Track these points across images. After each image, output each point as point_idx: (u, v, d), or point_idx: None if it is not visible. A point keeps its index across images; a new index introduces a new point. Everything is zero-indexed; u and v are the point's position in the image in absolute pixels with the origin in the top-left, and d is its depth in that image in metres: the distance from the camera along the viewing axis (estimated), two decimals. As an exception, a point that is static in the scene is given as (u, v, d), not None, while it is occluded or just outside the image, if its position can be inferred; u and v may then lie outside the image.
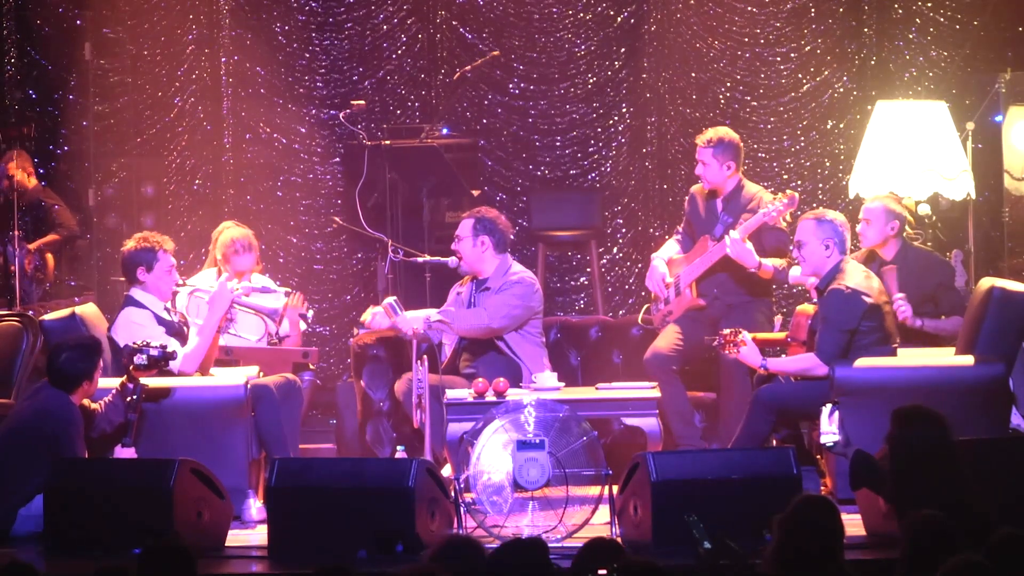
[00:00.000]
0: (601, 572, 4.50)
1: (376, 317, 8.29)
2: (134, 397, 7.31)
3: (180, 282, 8.07)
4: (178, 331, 7.94)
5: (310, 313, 8.72)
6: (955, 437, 6.04)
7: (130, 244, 8.01)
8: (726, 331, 7.88)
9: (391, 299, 8.25)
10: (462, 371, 8.39)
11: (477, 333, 8.33)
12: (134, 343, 7.46)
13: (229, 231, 8.82)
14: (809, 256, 7.82)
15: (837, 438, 7.54)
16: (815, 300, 8.01)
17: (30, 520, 7.09)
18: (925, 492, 5.67)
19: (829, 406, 7.59)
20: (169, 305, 8.01)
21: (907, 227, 8.46)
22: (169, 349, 7.47)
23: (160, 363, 7.42)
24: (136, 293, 7.94)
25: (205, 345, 7.86)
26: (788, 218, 8.41)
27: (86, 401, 7.33)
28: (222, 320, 7.92)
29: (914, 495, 5.67)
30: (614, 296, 11.13)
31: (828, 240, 7.78)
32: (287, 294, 8.50)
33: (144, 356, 7.38)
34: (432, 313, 8.28)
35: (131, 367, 7.35)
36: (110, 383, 7.60)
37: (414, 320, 8.14)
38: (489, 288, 8.39)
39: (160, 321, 7.89)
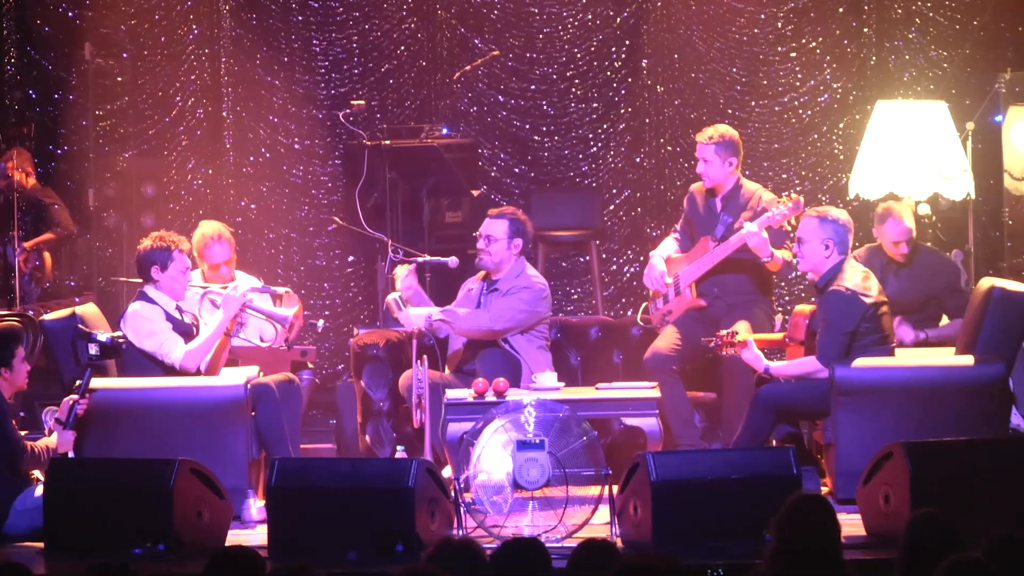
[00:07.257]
0: None
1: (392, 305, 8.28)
2: (79, 382, 7.34)
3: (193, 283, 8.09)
4: (187, 331, 7.94)
5: (320, 322, 8.73)
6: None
7: (146, 243, 7.99)
8: (723, 332, 7.89)
9: (395, 294, 8.27)
10: (463, 367, 8.39)
11: (477, 334, 8.32)
12: (82, 329, 7.57)
13: (201, 227, 8.81)
14: (808, 254, 7.82)
15: None
16: (814, 299, 8.02)
17: (27, 514, 7.09)
18: None
19: None
20: (182, 305, 8.02)
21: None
22: (119, 337, 7.54)
23: (111, 351, 7.51)
24: (149, 291, 7.94)
25: (210, 344, 7.85)
26: (793, 221, 8.41)
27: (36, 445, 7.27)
28: (232, 323, 7.92)
29: None
30: (614, 296, 11.13)
31: (828, 240, 7.78)
32: (287, 293, 8.49)
33: (96, 346, 7.46)
34: (434, 311, 8.27)
35: (84, 360, 7.46)
36: (113, 383, 7.61)
37: (417, 317, 8.15)
38: (498, 290, 8.38)
39: (169, 319, 7.89)
